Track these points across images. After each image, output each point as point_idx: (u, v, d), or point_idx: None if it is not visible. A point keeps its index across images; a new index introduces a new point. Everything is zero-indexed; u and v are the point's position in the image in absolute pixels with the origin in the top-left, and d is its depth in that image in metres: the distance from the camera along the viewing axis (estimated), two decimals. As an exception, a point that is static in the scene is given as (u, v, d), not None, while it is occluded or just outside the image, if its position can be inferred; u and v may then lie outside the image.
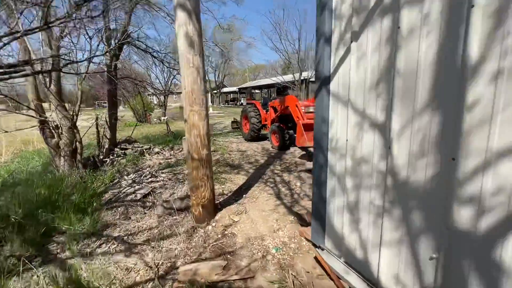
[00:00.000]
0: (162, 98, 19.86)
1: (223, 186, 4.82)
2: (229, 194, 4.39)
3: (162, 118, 18.80)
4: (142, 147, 7.51)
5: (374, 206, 1.81)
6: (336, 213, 2.21)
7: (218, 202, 3.97)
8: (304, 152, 7.15)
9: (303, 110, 6.79)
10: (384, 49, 1.64)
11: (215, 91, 39.37)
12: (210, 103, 44.27)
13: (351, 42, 1.86)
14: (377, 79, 1.70)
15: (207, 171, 3.08)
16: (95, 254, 2.74)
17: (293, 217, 3.30)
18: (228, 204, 3.90)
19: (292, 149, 7.77)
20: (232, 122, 11.57)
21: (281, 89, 9.80)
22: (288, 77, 21.15)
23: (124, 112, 25.35)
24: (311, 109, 7.61)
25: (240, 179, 5.14)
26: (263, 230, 3.03)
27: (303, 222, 3.05)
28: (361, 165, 1.88)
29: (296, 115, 6.66)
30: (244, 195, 4.27)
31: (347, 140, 1.97)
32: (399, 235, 1.64)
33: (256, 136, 9.07)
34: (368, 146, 1.81)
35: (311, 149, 5.87)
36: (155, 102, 24.79)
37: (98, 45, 5.73)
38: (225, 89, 46.47)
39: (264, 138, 9.80)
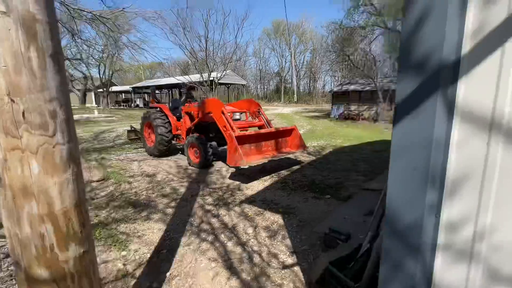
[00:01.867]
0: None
1: (124, 252, 2.81)
2: (137, 274, 2.48)
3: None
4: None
5: None
6: None
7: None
8: (233, 169, 5.75)
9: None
10: None
11: (101, 90, 32.33)
12: (94, 104, 36.29)
13: None
14: None
15: (84, 298, 1.19)
16: None
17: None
18: (141, 308, 2.04)
19: (216, 165, 6.22)
20: (129, 131, 8.81)
21: (187, 90, 8.06)
22: (195, 77, 19.16)
23: None
24: (237, 116, 6.31)
25: (154, 231, 3.23)
26: None
27: None
28: None
29: (224, 125, 5.17)
30: (168, 273, 2.46)
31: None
32: None
33: (165, 150, 6.99)
34: None
35: (243, 165, 4.55)
36: None
37: None
38: (114, 88, 39.16)
39: (175, 150, 7.78)
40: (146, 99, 32.46)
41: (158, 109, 7.24)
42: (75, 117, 19.65)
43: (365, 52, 23.05)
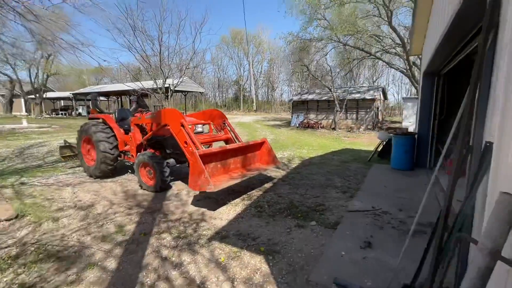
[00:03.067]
0: None
1: None
2: None
3: None
4: None
5: None
6: None
7: None
8: (197, 193, 4.84)
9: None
10: None
11: (33, 96, 27.86)
12: (24, 112, 31.20)
13: None
14: None
15: None
16: None
17: None
18: None
19: (175, 186, 5.23)
20: (63, 147, 7.19)
21: (137, 98, 6.98)
22: (148, 84, 17.39)
23: None
24: (200, 129, 5.47)
25: (84, 302, 2.20)
26: None
27: None
28: None
29: (184, 140, 4.28)
30: None
31: None
32: None
33: (110, 171, 5.73)
34: None
35: (210, 190, 3.73)
36: None
37: None
38: (51, 94, 34.32)
39: (123, 169, 6.50)
40: (91, 107, 28.97)
41: (101, 120, 5.98)
42: (-5, 128, 16.13)
43: (320, 64, 24.05)
